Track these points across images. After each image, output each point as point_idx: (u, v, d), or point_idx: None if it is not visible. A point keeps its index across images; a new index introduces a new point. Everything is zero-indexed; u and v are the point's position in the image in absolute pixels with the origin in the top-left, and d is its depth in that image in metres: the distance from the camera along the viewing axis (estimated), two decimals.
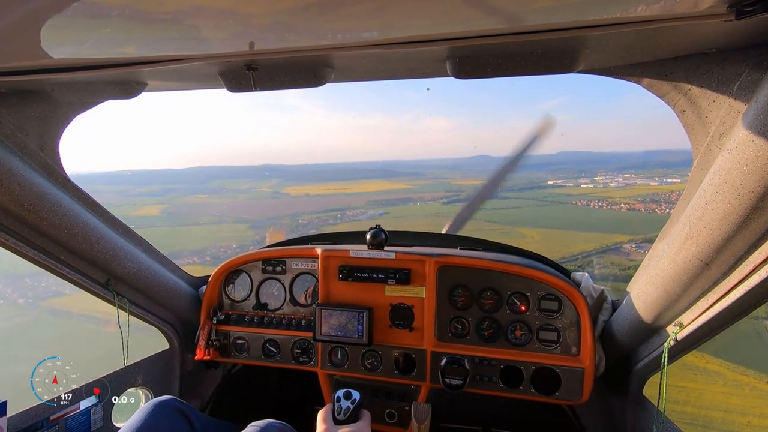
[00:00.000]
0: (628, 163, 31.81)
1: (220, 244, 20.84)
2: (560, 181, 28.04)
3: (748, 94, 1.04)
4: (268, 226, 25.61)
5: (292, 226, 24.95)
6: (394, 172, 39.35)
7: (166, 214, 27.15)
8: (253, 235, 24.13)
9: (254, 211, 30.99)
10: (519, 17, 0.87)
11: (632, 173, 27.74)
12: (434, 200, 31.17)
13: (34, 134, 1.57)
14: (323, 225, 22.33)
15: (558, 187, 28.10)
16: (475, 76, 1.22)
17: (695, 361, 7.64)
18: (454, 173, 38.01)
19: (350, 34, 0.95)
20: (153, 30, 0.90)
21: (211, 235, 23.72)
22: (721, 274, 1.23)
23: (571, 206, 25.57)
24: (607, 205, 24.07)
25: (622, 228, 16.75)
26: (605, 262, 12.41)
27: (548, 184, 26.99)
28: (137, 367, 2.21)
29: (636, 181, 26.49)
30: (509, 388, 1.95)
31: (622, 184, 26.89)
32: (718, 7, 0.76)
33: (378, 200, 31.44)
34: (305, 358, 2.24)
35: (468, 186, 31.41)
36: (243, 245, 21.15)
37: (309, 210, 25.63)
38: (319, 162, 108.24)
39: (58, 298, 12.87)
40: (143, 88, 1.49)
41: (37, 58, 1.05)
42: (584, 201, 25.88)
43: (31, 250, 1.62)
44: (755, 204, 0.99)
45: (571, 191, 27.87)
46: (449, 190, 32.83)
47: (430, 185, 35.29)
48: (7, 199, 1.45)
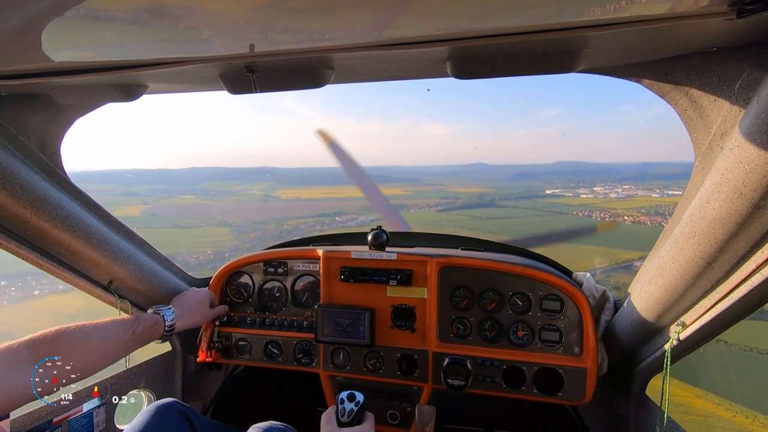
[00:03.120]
0: (626, 174, 31.60)
1: (195, 249, 20.29)
2: (559, 191, 27.75)
3: (750, 93, 1.03)
4: (251, 231, 25.23)
5: (276, 232, 24.44)
6: (390, 178, 39.14)
7: (147, 215, 26.78)
8: (232, 239, 23.69)
9: (240, 215, 30.63)
10: (519, 17, 0.87)
11: (632, 184, 27.50)
12: (429, 207, 30.86)
13: (35, 137, 1.58)
14: (310, 231, 21.96)
15: (557, 196, 27.72)
16: (475, 76, 1.22)
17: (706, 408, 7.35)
18: (451, 180, 37.74)
19: (350, 35, 0.95)
20: (153, 33, 0.90)
21: (188, 239, 23.25)
22: (724, 274, 1.23)
23: (572, 217, 25.22)
24: (610, 217, 23.60)
25: (631, 243, 15.92)
26: (618, 283, 11.62)
27: (546, 193, 26.66)
28: (139, 369, 2.21)
29: (637, 192, 26.20)
30: (511, 389, 1.95)
31: (623, 195, 26.60)
32: (718, 5, 0.76)
33: (371, 206, 31.16)
34: (307, 359, 2.24)
35: (464, 193, 31.00)
36: (218, 251, 20.58)
37: (298, 215, 25.31)
38: (315, 166, 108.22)
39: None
40: (144, 91, 1.49)
41: (38, 62, 1.06)
42: (586, 212, 25.47)
43: (33, 252, 1.63)
44: (757, 202, 0.99)
45: (570, 201, 27.51)
46: (445, 197, 32.47)
47: (425, 191, 35.05)
48: (9, 201, 1.45)
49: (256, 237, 23.78)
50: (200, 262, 18.17)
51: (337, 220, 25.65)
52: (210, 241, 23.30)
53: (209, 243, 22.74)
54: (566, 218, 24.82)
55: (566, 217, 24.99)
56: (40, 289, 16.41)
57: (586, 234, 3.21)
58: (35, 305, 16.22)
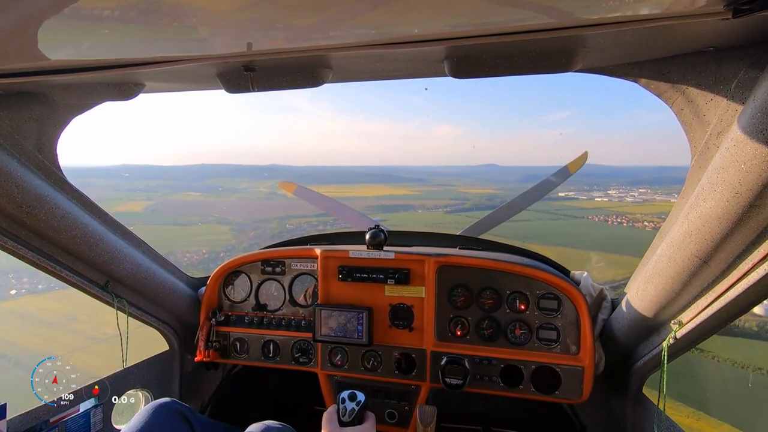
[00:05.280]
0: (640, 177, 30.91)
1: (189, 248, 19.76)
2: (572, 193, 27.10)
3: (746, 93, 1.04)
4: (250, 230, 24.82)
5: (276, 232, 24.02)
6: (398, 177, 38.61)
7: (149, 211, 26.35)
8: (230, 239, 23.22)
9: (242, 212, 30.11)
10: (517, 17, 0.87)
11: (647, 188, 26.78)
12: (437, 208, 30.35)
13: (31, 136, 1.57)
14: (312, 230, 21.64)
15: (570, 199, 26.99)
16: (473, 75, 1.22)
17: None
18: (460, 180, 37.24)
19: (348, 34, 0.94)
20: (150, 31, 0.90)
21: (184, 237, 22.80)
22: (720, 272, 1.23)
23: (587, 221, 24.40)
24: (628, 222, 22.64)
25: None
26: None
27: (559, 195, 26.08)
28: (137, 368, 2.20)
29: (654, 197, 25.42)
30: (509, 388, 1.95)
31: (639, 199, 25.82)
32: (715, 5, 0.76)
33: (377, 206, 30.60)
34: (305, 358, 2.24)
35: (474, 194, 30.43)
36: (213, 251, 20.09)
37: (301, 213, 24.98)
38: (325, 164, 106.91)
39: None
40: (141, 90, 1.49)
41: (34, 60, 1.05)
42: (601, 216, 24.44)
43: (29, 252, 1.62)
44: (753, 201, 0.99)
45: (585, 204, 26.76)
46: (454, 197, 31.85)
47: (434, 192, 34.50)
48: (5, 201, 1.45)
49: (255, 236, 23.55)
50: (192, 262, 17.75)
51: (340, 219, 25.34)
52: (207, 240, 22.96)
53: (206, 242, 22.37)
54: (581, 222, 24.15)
55: (581, 221, 24.35)
56: (18, 288, 15.69)
57: (562, 178, 3.20)
58: (7, 306, 15.41)
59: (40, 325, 15.03)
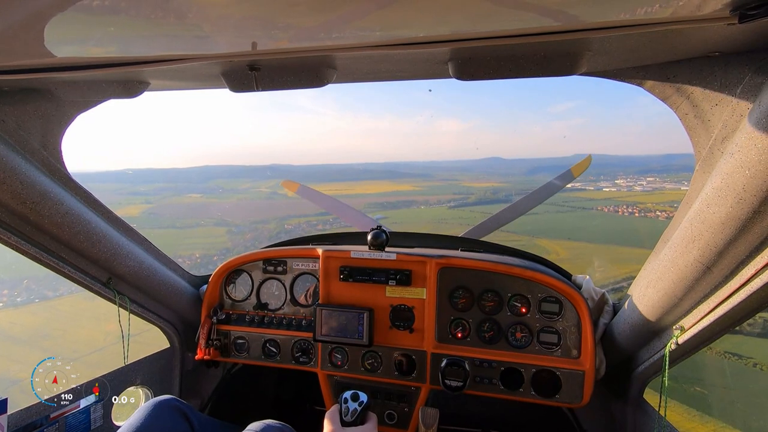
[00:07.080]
0: (648, 166, 30.33)
1: (182, 252, 19.35)
2: (579, 184, 26.64)
3: (751, 98, 1.03)
4: (248, 231, 24.54)
5: (274, 233, 23.69)
6: (400, 173, 38.20)
7: (146, 215, 26.06)
8: (226, 241, 22.88)
9: (241, 214, 29.75)
10: (521, 19, 0.87)
11: (656, 176, 26.26)
12: (440, 203, 29.89)
13: (36, 132, 1.58)
14: (311, 230, 21.32)
15: (578, 190, 26.47)
16: (477, 78, 1.22)
17: None
18: (465, 174, 36.80)
19: (352, 35, 0.95)
20: (155, 29, 0.90)
21: (179, 241, 22.47)
22: (723, 278, 1.23)
23: (597, 212, 23.76)
24: (640, 212, 22.03)
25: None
26: None
27: (566, 186, 25.64)
28: (137, 366, 2.21)
29: (664, 185, 24.88)
30: (509, 391, 1.95)
31: (649, 188, 25.29)
32: (721, 10, 0.76)
33: (378, 203, 30.29)
34: (305, 358, 2.24)
35: (478, 188, 29.95)
36: (207, 255, 19.76)
37: (300, 213, 24.67)
38: (327, 162, 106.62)
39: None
40: (146, 88, 1.49)
41: (40, 57, 1.06)
42: (611, 206, 23.82)
43: (32, 248, 1.62)
44: (757, 208, 0.99)
45: (593, 195, 26.20)
46: (458, 192, 31.36)
47: (438, 186, 34.06)
48: (9, 196, 1.45)
49: (252, 238, 23.36)
50: (184, 267, 17.46)
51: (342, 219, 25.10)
52: (202, 243, 22.71)
53: (200, 245, 22.09)
54: (591, 213, 23.51)
55: (590, 213, 23.73)
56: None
57: (565, 181, 3.21)
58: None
59: (7, 342, 13.87)
